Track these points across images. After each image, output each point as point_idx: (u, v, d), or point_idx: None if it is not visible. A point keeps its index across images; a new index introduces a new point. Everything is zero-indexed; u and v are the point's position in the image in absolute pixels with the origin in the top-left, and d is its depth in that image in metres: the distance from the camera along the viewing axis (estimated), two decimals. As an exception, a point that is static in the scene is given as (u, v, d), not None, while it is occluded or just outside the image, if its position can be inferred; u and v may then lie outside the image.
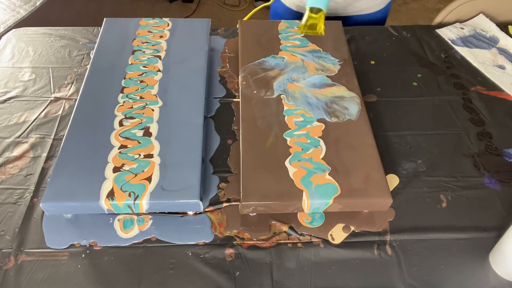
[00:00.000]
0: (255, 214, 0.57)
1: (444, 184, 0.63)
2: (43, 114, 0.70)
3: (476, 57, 0.83)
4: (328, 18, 0.91)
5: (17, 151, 0.65)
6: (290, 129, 0.62)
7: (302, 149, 0.59)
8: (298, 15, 0.95)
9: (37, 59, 0.80)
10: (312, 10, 0.65)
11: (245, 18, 0.82)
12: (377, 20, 0.95)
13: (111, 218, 0.57)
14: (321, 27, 0.65)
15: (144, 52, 0.73)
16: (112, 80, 0.68)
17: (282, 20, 0.81)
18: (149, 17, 0.81)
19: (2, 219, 0.57)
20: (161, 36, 0.76)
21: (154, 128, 0.61)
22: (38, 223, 0.57)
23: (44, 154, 0.64)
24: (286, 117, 0.63)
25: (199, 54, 0.73)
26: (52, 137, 0.67)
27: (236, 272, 0.53)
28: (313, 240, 0.56)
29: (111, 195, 0.53)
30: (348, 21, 0.92)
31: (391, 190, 0.57)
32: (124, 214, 0.57)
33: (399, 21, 2.16)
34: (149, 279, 0.52)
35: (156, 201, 0.53)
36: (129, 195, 0.53)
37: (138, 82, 0.68)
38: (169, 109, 0.64)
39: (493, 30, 0.89)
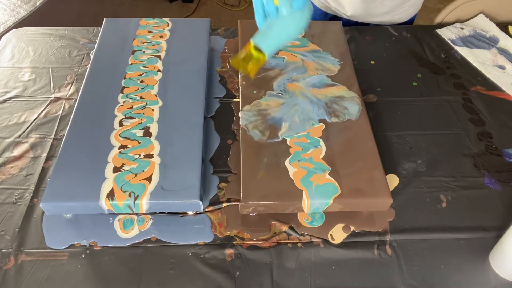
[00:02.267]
0: (255, 214, 0.57)
1: (444, 184, 0.63)
2: (43, 114, 0.70)
3: (476, 57, 0.83)
4: (357, 23, 0.92)
5: (17, 151, 0.65)
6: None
7: (302, 149, 0.59)
8: (319, 13, 0.97)
9: (37, 59, 0.80)
10: (255, 47, 0.53)
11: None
12: None
13: (111, 218, 0.57)
14: (253, 71, 0.53)
15: (144, 52, 0.73)
16: (112, 80, 0.68)
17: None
18: (149, 17, 0.81)
19: (2, 219, 0.57)
20: (161, 36, 0.76)
21: (154, 128, 0.61)
22: (38, 223, 0.57)
23: (44, 154, 0.64)
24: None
25: (199, 54, 0.73)
26: (52, 137, 0.67)
27: (236, 272, 0.53)
28: (313, 240, 0.56)
29: (111, 195, 0.53)
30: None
31: (391, 190, 0.57)
32: (124, 214, 0.57)
33: (399, 21, 2.15)
34: (149, 279, 0.52)
35: (156, 201, 0.53)
36: (129, 195, 0.53)
37: (138, 82, 0.68)
38: (169, 109, 0.64)
39: (493, 30, 0.89)
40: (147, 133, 0.61)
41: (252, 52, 0.52)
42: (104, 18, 0.80)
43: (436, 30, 0.89)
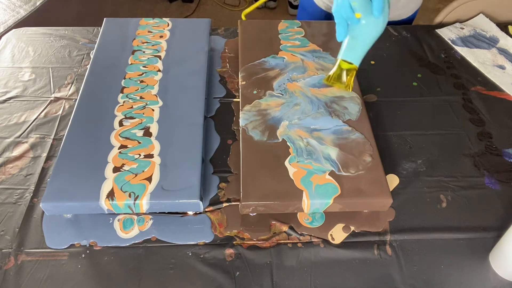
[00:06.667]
0: (255, 214, 0.57)
1: (444, 184, 0.63)
2: (43, 114, 0.70)
3: (476, 57, 0.83)
4: None
5: (17, 151, 0.65)
6: (290, 129, 0.62)
7: (302, 149, 0.59)
8: (324, 14, 0.96)
9: (37, 59, 0.80)
10: (344, 62, 0.59)
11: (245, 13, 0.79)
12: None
13: (111, 218, 0.57)
14: (349, 83, 0.58)
15: (144, 52, 0.73)
16: (112, 80, 0.68)
17: (282, 20, 0.81)
18: (149, 17, 0.81)
19: (2, 219, 0.57)
20: (161, 36, 0.77)
21: (154, 128, 0.61)
22: (38, 223, 0.57)
23: (44, 154, 0.64)
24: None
25: (199, 54, 0.73)
26: (52, 137, 0.67)
27: (236, 272, 0.53)
28: (313, 240, 0.56)
29: (111, 195, 0.53)
30: None
31: (391, 190, 0.57)
32: (124, 214, 0.57)
33: (399, 21, 2.15)
34: (149, 279, 0.52)
35: (156, 201, 0.53)
36: (129, 195, 0.53)
37: (138, 82, 0.68)
38: (169, 109, 0.64)
39: (493, 30, 0.89)
40: (147, 133, 0.61)
41: (344, 67, 0.57)
42: (104, 18, 0.80)
43: (436, 30, 0.89)
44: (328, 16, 0.96)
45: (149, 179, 0.55)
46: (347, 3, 0.53)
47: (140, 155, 0.58)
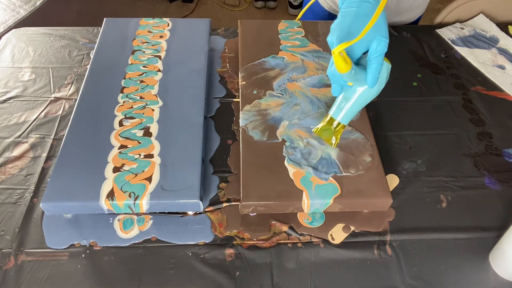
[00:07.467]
0: (255, 214, 0.57)
1: (444, 184, 0.63)
2: (43, 114, 0.70)
3: (476, 57, 0.83)
4: None
5: (17, 151, 0.65)
6: (290, 129, 0.62)
7: (302, 149, 0.59)
8: (327, 14, 0.96)
9: (37, 59, 0.80)
10: (332, 119, 0.58)
11: (298, 16, 0.78)
12: None
13: (111, 218, 0.57)
14: (337, 139, 0.58)
15: (144, 52, 0.73)
16: (112, 80, 0.68)
17: (282, 20, 0.81)
18: (149, 17, 0.81)
19: (2, 219, 0.57)
20: (161, 36, 0.77)
21: (154, 128, 0.61)
22: (38, 223, 0.57)
23: (44, 154, 0.64)
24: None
25: (199, 54, 0.73)
26: (52, 137, 0.67)
27: (236, 272, 0.53)
28: (313, 240, 0.56)
29: (111, 195, 0.53)
30: None
31: (391, 190, 0.57)
32: (124, 214, 0.57)
33: (399, 21, 2.15)
34: (149, 279, 0.52)
35: (156, 201, 0.53)
36: (129, 195, 0.53)
37: (138, 82, 0.68)
38: (169, 109, 0.64)
39: (493, 30, 0.89)
40: (147, 133, 0.61)
41: (333, 124, 0.58)
42: (104, 18, 0.80)
43: (436, 30, 0.89)
44: (331, 16, 0.96)
45: (149, 179, 0.55)
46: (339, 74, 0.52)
47: (140, 155, 0.58)
